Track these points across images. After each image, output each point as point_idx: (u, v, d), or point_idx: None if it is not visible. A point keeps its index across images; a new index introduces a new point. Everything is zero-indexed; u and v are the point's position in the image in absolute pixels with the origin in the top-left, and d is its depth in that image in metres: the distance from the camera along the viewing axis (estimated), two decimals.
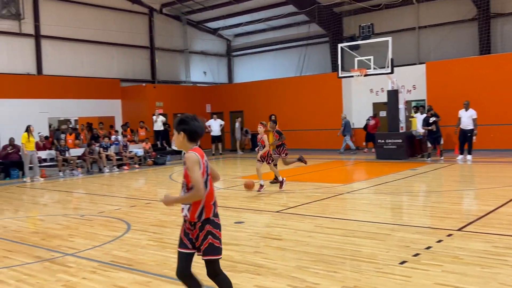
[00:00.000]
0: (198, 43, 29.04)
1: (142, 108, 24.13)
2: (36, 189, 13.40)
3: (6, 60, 20.59)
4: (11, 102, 20.19)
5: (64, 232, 7.42)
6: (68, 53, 22.76)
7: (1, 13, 20.28)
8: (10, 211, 9.93)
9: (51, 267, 5.59)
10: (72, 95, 22.28)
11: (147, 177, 15.60)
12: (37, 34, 21.51)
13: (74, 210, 9.62)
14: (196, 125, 3.56)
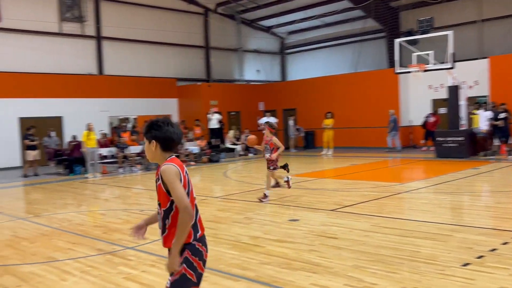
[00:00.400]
0: (252, 41, 29.20)
1: (197, 106, 24.59)
2: (97, 185, 13.96)
3: (70, 61, 21.58)
4: (75, 101, 21.20)
5: (124, 226, 7.68)
6: (127, 53, 23.54)
7: (65, 16, 21.28)
8: (74, 205, 10.40)
9: (112, 260, 5.80)
10: (131, 94, 23.06)
11: (202, 174, 15.87)
12: (98, 35, 22.40)
13: (134, 205, 9.93)
14: (170, 131, 2.92)
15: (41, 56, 20.58)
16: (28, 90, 19.86)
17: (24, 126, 18.83)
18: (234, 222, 7.62)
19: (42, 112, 20.21)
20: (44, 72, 20.57)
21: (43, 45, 20.71)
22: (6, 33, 19.59)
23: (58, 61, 21.16)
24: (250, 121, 25.48)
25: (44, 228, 7.88)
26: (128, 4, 23.34)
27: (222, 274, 5.08)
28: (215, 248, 6.10)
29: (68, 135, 19.74)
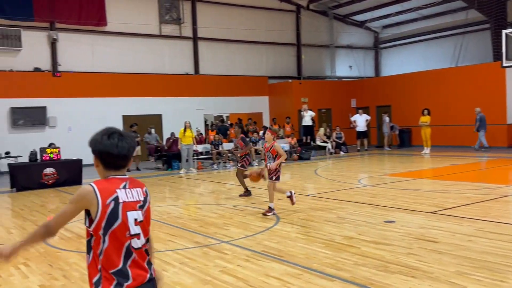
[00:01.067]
0: (344, 37, 28.67)
1: (288, 104, 24.68)
2: (193, 180, 14.53)
3: (169, 61, 22.67)
4: (173, 100, 22.24)
5: (219, 221, 7.91)
6: (221, 53, 24.21)
7: (164, 19, 22.38)
8: (172, 199, 10.92)
9: (209, 253, 5.99)
10: (224, 92, 23.71)
11: (292, 171, 15.89)
12: (194, 36, 23.28)
13: (228, 200, 10.19)
14: (107, 144, 2.41)
15: (142, 57, 21.83)
16: (130, 90, 21.17)
17: (127, 123, 20.11)
18: (326, 221, 7.53)
19: (143, 110, 21.45)
20: (145, 73, 21.79)
21: (144, 47, 21.94)
22: (110, 37, 21.02)
23: (158, 62, 22.31)
24: (341, 119, 25.07)
25: None
26: (223, 4, 23.98)
27: (316, 273, 5.04)
28: (308, 246, 6.07)
29: (167, 132, 20.79)
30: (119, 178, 2.44)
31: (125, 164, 2.49)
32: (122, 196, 2.38)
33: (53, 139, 16.63)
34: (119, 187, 2.40)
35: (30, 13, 18.87)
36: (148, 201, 2.52)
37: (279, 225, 7.38)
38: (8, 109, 18.38)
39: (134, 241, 2.40)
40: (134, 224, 2.40)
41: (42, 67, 19.39)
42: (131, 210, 2.39)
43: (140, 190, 2.49)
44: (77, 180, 13.83)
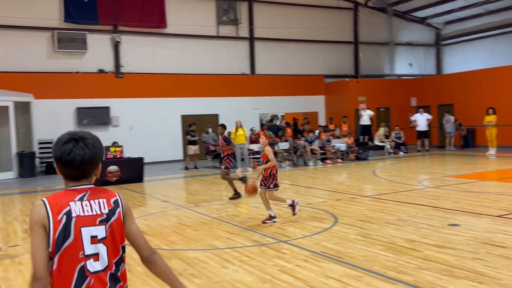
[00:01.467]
0: (404, 34, 27.89)
1: (344, 103, 24.33)
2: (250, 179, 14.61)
3: (226, 62, 22.97)
4: (230, 99, 22.52)
5: (277, 220, 7.92)
6: (277, 53, 24.24)
7: (222, 20, 22.71)
8: (229, 197, 11.04)
9: (267, 252, 6.02)
10: (280, 92, 23.73)
11: (349, 171, 15.66)
12: (251, 36, 23.46)
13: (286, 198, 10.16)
14: (59, 151, 2.13)
15: (200, 58, 22.25)
16: (188, 90, 21.65)
17: (185, 122, 20.59)
18: (386, 223, 7.36)
19: (201, 110, 21.87)
20: (202, 73, 22.20)
21: (202, 48, 22.36)
22: (170, 38, 21.58)
23: (215, 62, 22.66)
24: (401, 118, 24.40)
25: (205, 218, 8.51)
26: (279, 4, 24.00)
27: (377, 275, 4.93)
28: (368, 248, 5.95)
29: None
30: (77, 189, 2.12)
31: (82, 174, 2.14)
32: (75, 209, 2.06)
33: (116, 138, 17.31)
34: (74, 199, 2.09)
35: (95, 17, 19.74)
36: (117, 213, 2.15)
37: (337, 226, 7.29)
38: (74, 109, 19.32)
39: (90, 263, 2.05)
40: (91, 242, 2.06)
41: (105, 68, 20.21)
42: (87, 225, 2.06)
43: (104, 202, 2.13)
44: (139, 178, 14.32)
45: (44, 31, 18.99)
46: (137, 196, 11.79)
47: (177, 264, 5.63)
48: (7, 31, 18.34)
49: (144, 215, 9.08)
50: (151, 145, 20.33)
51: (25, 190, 13.88)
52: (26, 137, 18.15)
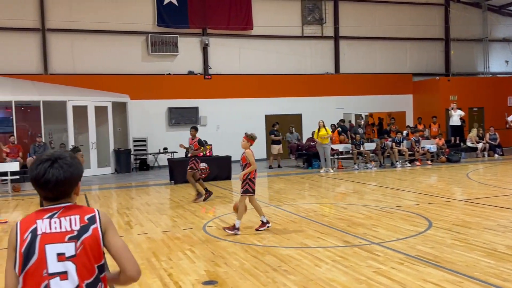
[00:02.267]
0: (500, 29, 26.21)
1: (434, 102, 23.35)
2: (334, 179, 14.56)
3: (310, 61, 22.96)
4: (313, 99, 22.49)
5: (367, 222, 7.84)
6: (363, 51, 23.81)
7: (307, 20, 22.73)
8: (315, 197, 11.09)
9: (360, 253, 5.99)
10: (365, 91, 23.28)
11: (440, 174, 15.04)
12: (336, 36, 23.25)
13: (373, 201, 10.04)
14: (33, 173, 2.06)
15: (284, 58, 22.44)
16: (273, 90, 21.91)
17: (269, 122, 20.87)
18: (485, 228, 7.02)
19: (285, 109, 22.04)
20: (286, 73, 22.37)
21: (287, 48, 22.52)
22: (256, 40, 21.97)
23: (299, 62, 22.74)
24: (496, 118, 22.96)
25: (293, 216, 8.62)
26: (366, 2, 23.57)
27: (478, 282, 4.75)
28: (467, 254, 5.73)
29: (306, 131, 21.13)
30: (49, 208, 2.05)
31: (56, 195, 2.06)
32: (42, 227, 1.99)
33: (203, 137, 17.89)
34: (42, 217, 2.01)
35: (185, 21, 20.61)
36: (92, 230, 2.03)
37: (432, 230, 7.07)
38: (165, 109, 20.30)
39: (55, 282, 1.95)
40: (57, 259, 1.96)
41: (195, 70, 21.03)
42: (53, 242, 1.97)
43: (76, 218, 2.03)
44: (227, 175, 14.78)
45: (139, 35, 20.15)
46: (226, 193, 12.18)
47: (271, 260, 5.78)
48: (105, 35, 19.68)
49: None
50: (236, 144, 20.75)
51: (121, 184, 14.85)
52: (122, 135, 19.38)
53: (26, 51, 18.68)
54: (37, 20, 18.76)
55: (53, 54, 19.09)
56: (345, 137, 18.57)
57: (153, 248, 6.65)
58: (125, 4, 19.95)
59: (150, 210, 9.98)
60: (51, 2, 18.96)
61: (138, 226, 8.33)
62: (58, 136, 18.14)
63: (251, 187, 7.37)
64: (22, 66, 18.54)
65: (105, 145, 18.36)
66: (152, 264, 5.86)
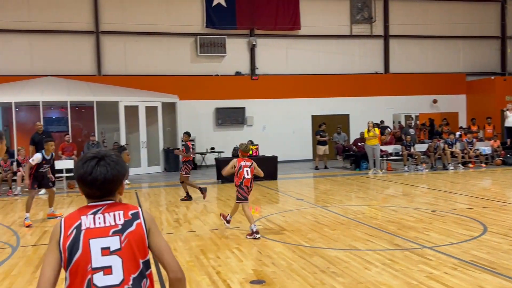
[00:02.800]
0: None
1: (489, 103, 22.42)
2: (383, 181, 14.26)
3: (358, 61, 22.60)
4: (361, 99, 22.14)
5: (418, 225, 7.63)
6: (414, 50, 23.20)
7: (356, 19, 22.40)
8: (363, 199, 10.89)
9: (411, 257, 5.83)
10: (416, 91, 22.68)
11: (495, 177, 14.44)
12: (385, 34, 22.78)
13: (424, 204, 9.75)
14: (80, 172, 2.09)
15: (332, 58, 22.20)
16: (320, 90, 21.72)
17: (315, 123, 20.71)
18: None
19: (332, 110, 21.81)
20: (334, 73, 22.13)
21: (335, 48, 22.27)
22: (303, 39, 21.85)
23: (347, 62, 22.43)
24: None
25: (341, 218, 8.51)
26: (418, 0, 22.97)
27: None
28: None
29: (354, 131, 20.83)
30: (93, 205, 2.08)
31: (102, 193, 2.08)
32: (86, 222, 2.02)
33: (250, 137, 18.06)
34: (86, 213, 2.04)
35: (233, 22, 20.79)
36: (136, 225, 2.05)
37: (488, 235, 6.79)
38: (213, 110, 20.55)
39: (98, 276, 1.96)
40: (101, 254, 1.97)
41: (242, 71, 21.18)
42: (97, 237, 1.99)
43: (120, 213, 2.06)
44: (273, 175, 14.78)
45: (188, 37, 20.50)
46: (272, 193, 12.18)
47: (319, 262, 5.73)
48: (156, 37, 20.14)
49: (281, 211, 9.37)
50: (282, 144, 20.80)
51: (170, 183, 15.14)
52: (171, 135, 19.77)
53: (81, 53, 19.41)
54: (91, 23, 19.46)
55: (107, 56, 19.74)
56: (385, 137, 18.18)
57: (201, 246, 6.74)
58: (175, 7, 20.35)
59: (198, 208, 10.14)
60: (105, 6, 19.61)
61: (187, 223, 8.48)
62: (110, 135, 18.74)
63: (241, 194, 7.36)
64: (77, 68, 19.28)
65: (155, 144, 18.79)
66: (201, 262, 5.93)
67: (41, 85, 17.30)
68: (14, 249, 6.96)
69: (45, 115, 17.25)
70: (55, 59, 19.02)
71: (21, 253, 6.71)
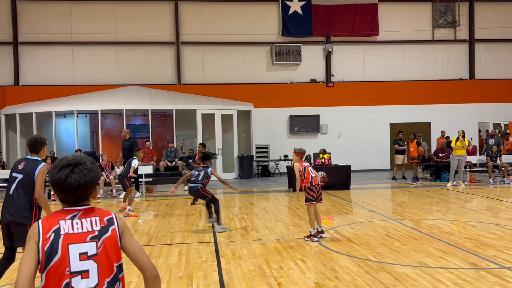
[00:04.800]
0: None
1: None
2: (465, 194, 13.44)
3: (441, 67, 21.57)
4: (443, 107, 21.13)
5: (498, 243, 7.09)
6: (502, 55, 21.78)
7: (438, 23, 21.42)
8: (441, 213, 10.32)
9: (486, 277, 5.42)
10: (504, 98, 21.26)
11: None
12: (471, 39, 21.57)
13: (508, 220, 9.04)
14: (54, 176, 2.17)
15: (412, 64, 21.40)
16: (399, 97, 21.01)
17: (394, 131, 20.01)
18: None
19: (411, 117, 20.99)
20: (414, 80, 21.29)
21: (415, 53, 21.45)
22: (381, 45, 21.27)
23: (429, 67, 21.52)
24: None
25: (414, 232, 8.12)
26: (505, 1, 21.57)
27: None
28: None
29: (435, 140, 19.88)
30: (70, 209, 2.17)
31: (77, 198, 2.17)
32: (64, 227, 2.10)
33: (324, 145, 17.84)
34: (64, 218, 2.13)
35: (309, 29, 20.73)
36: (111, 230, 2.15)
37: None
38: (287, 117, 20.57)
39: (76, 280, 2.06)
40: (80, 259, 2.08)
41: (317, 78, 21.02)
42: (76, 242, 2.08)
43: (96, 219, 2.15)
44: (345, 184, 14.47)
45: (264, 45, 20.73)
46: (344, 204, 11.91)
47: (385, 278, 5.49)
48: (232, 47, 20.59)
49: (350, 223, 9.11)
50: (358, 152, 20.35)
51: (243, 190, 15.33)
52: (246, 142, 20.06)
53: (162, 63, 20.32)
54: (172, 34, 20.32)
55: (186, 65, 20.48)
56: (424, 149, 17.01)
57: (265, 255, 6.73)
58: (252, 16, 20.68)
59: (267, 216, 10.15)
60: (185, 17, 20.39)
61: (254, 231, 8.51)
62: (189, 142, 19.39)
63: (311, 195, 7.55)
64: (158, 77, 20.19)
65: (230, 151, 19.15)
66: (263, 271, 5.91)
67: (125, 94, 18.31)
68: None
69: (128, 122, 18.23)
70: (138, 69, 20.07)
71: None
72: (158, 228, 9.05)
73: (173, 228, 9.08)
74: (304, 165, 7.69)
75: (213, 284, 5.47)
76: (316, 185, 7.60)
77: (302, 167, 7.65)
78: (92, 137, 20.04)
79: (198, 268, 6.13)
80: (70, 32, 19.81)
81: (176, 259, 6.66)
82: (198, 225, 9.37)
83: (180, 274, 5.91)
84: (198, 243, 7.70)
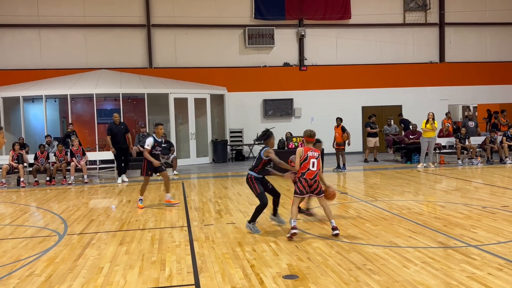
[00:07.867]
0: None
1: None
2: (435, 175, 13.74)
3: (411, 50, 21.81)
4: (414, 90, 21.43)
5: (465, 222, 7.29)
6: (472, 38, 22.14)
7: (409, 6, 21.61)
8: (411, 194, 10.53)
9: (454, 255, 5.58)
10: (474, 81, 21.68)
11: None
12: (441, 22, 21.85)
13: (475, 200, 9.31)
14: None
15: (384, 47, 21.57)
16: (371, 81, 21.20)
17: (365, 114, 20.23)
18: None
19: (383, 101, 21.25)
20: (386, 63, 21.50)
21: (386, 37, 21.62)
22: (353, 29, 21.34)
23: (400, 51, 21.73)
24: None
25: (384, 213, 8.27)
26: None
27: None
28: None
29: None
30: None
31: None
32: None
33: (298, 129, 17.90)
34: None
35: (282, 12, 20.63)
36: None
37: None
38: (261, 101, 20.55)
39: None
40: None
41: (290, 62, 21.00)
42: None
43: None
44: None
45: (237, 28, 20.54)
46: None
47: (356, 258, 5.59)
48: (205, 30, 20.34)
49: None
50: (331, 136, 20.47)
51: (217, 174, 15.32)
52: (219, 126, 19.97)
53: (133, 46, 19.94)
54: (143, 16, 19.92)
55: (157, 49, 20.16)
56: (348, 135, 16.36)
57: (239, 238, 6.76)
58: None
59: (241, 200, 10.18)
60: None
61: (228, 215, 8.53)
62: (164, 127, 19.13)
63: (299, 188, 6.69)
64: (129, 61, 19.83)
65: (204, 135, 19.05)
66: (236, 254, 5.94)
67: (95, 78, 17.93)
68: (60, 237, 7.27)
69: (99, 107, 17.88)
70: (108, 52, 19.66)
71: (67, 241, 6.99)
72: (131, 214, 8.97)
73: (146, 213, 9.02)
74: (308, 153, 6.67)
75: (186, 267, 5.48)
76: (309, 179, 6.65)
77: (304, 154, 6.67)
78: (62, 122, 19.61)
79: (171, 253, 6.11)
80: (37, 14, 19.22)
81: (149, 244, 6.63)
82: (171, 210, 9.32)
83: (153, 258, 5.89)
84: (171, 227, 7.67)
